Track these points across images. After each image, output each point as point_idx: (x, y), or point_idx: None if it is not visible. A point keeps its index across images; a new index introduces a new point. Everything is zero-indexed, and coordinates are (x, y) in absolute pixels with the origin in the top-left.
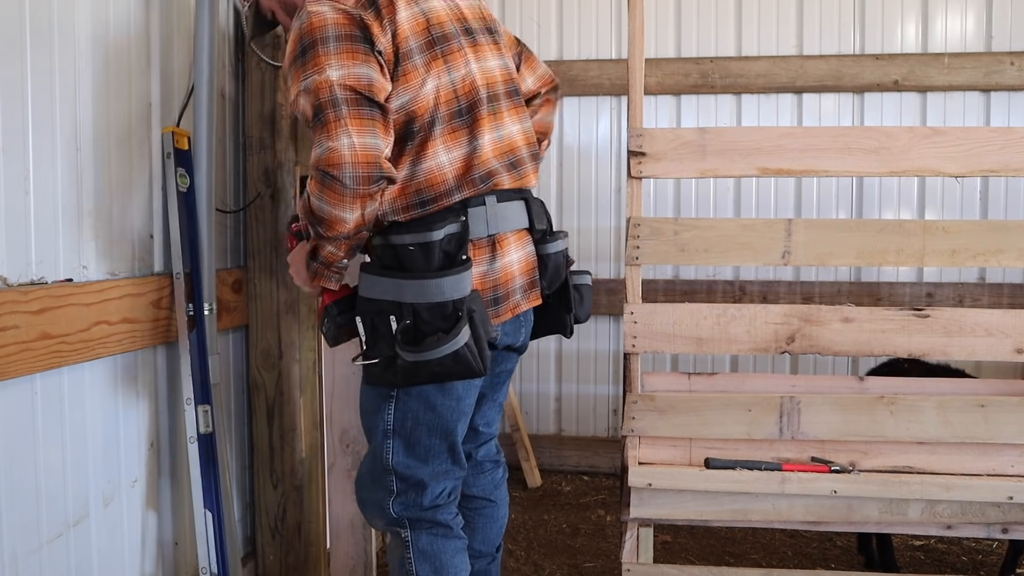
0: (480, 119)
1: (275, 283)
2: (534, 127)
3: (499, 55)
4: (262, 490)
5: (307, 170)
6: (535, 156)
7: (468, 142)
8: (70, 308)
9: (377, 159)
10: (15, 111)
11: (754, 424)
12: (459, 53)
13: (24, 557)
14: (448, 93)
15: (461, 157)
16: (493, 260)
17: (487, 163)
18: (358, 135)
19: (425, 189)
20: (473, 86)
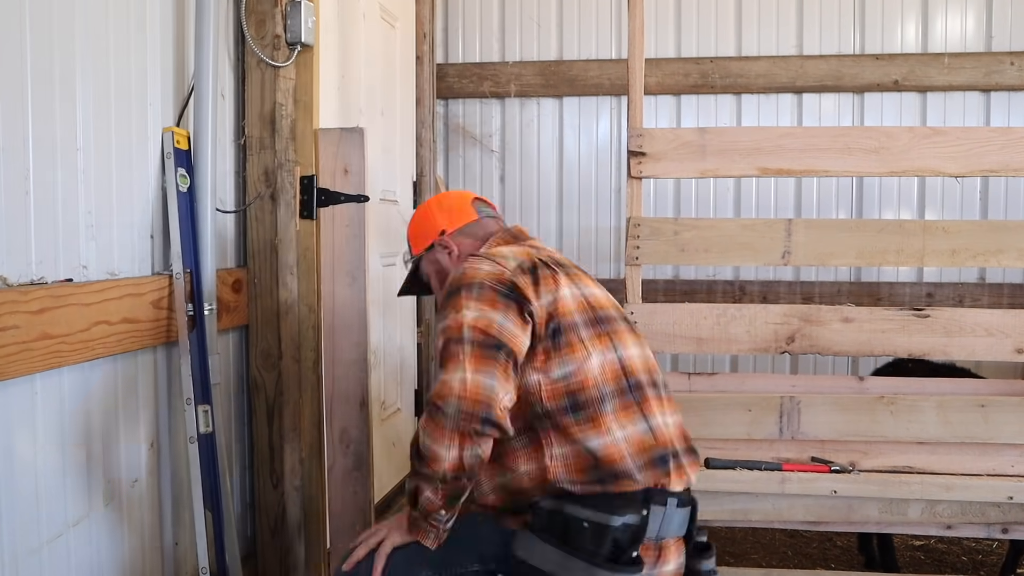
0: (648, 400)
1: (275, 283)
2: None
3: (639, 342)
4: (262, 490)
5: (307, 170)
6: (693, 450)
7: (642, 419)
8: (70, 308)
9: (488, 399)
10: (15, 111)
11: (754, 424)
12: (621, 334)
13: (24, 557)
14: (614, 370)
15: (637, 434)
16: (654, 566)
17: (665, 444)
18: (473, 372)
19: (604, 465)
20: (635, 368)
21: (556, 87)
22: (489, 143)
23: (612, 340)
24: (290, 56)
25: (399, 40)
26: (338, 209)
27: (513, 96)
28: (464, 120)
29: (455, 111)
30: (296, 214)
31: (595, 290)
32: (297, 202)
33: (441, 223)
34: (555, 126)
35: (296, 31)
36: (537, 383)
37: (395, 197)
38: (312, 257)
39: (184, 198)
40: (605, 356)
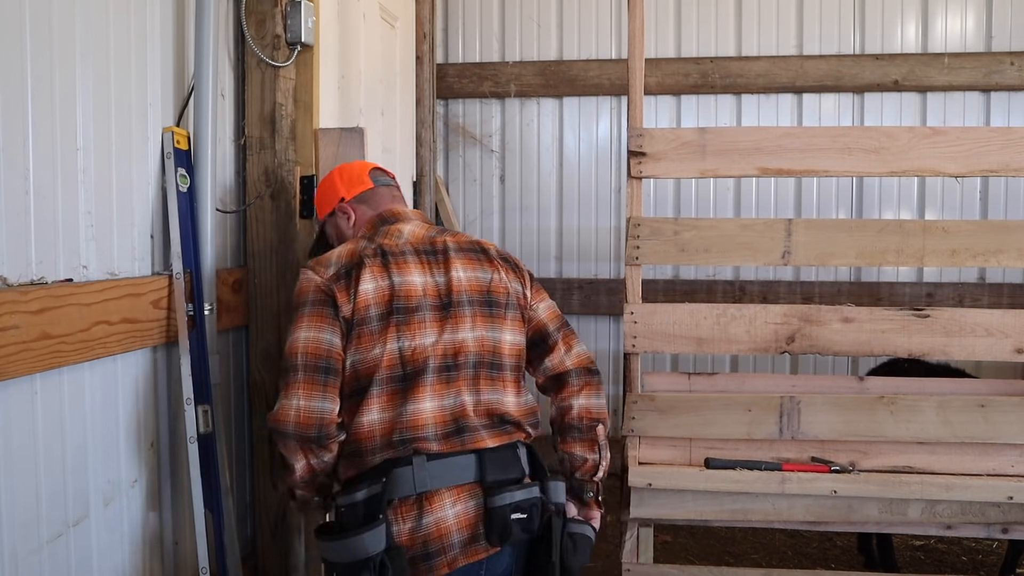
0: (419, 386)
1: (275, 283)
2: (581, 411)
3: (490, 327)
4: (262, 490)
5: (307, 170)
6: (502, 422)
7: (399, 405)
8: (70, 308)
9: (320, 419)
10: (15, 111)
11: (754, 424)
12: (418, 325)
13: (24, 557)
14: (394, 360)
15: (389, 419)
16: (421, 516)
17: (414, 428)
18: (306, 400)
19: (353, 443)
20: (424, 355)
21: (556, 87)
22: (489, 143)
23: (399, 330)
24: (290, 56)
25: (399, 40)
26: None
27: (513, 96)
28: (464, 120)
29: (455, 111)
30: (296, 214)
31: (416, 279)
32: (297, 202)
33: (341, 191)
34: (555, 126)
35: (296, 31)
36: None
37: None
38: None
39: (184, 198)
40: (387, 346)
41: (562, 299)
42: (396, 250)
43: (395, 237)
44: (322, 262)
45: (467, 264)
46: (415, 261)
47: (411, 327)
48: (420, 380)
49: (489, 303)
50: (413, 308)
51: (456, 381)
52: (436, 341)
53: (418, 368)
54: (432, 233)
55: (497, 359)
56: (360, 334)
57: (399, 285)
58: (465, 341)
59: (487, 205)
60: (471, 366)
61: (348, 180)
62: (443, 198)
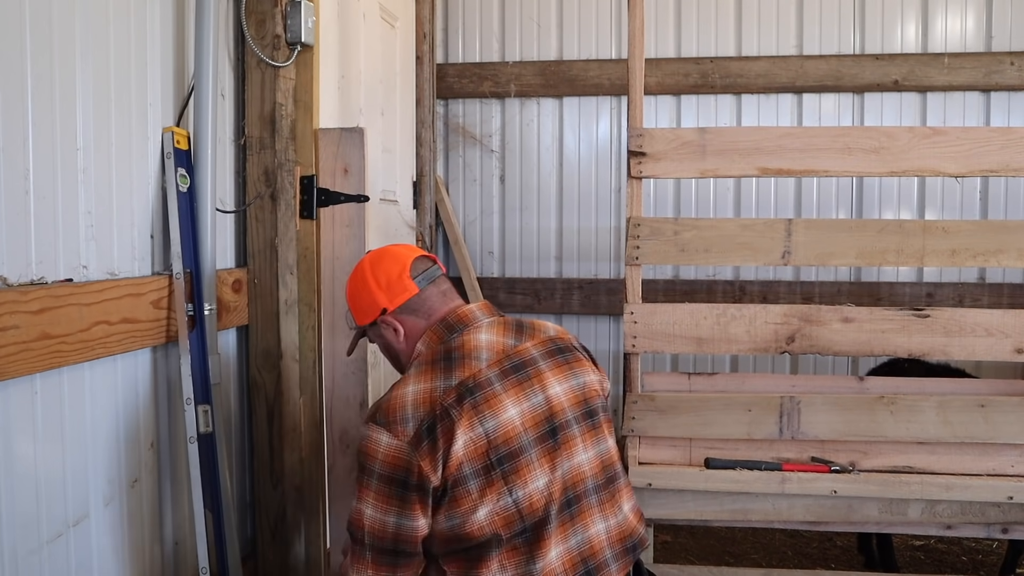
0: (545, 537)
1: (275, 283)
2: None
3: (596, 440)
4: (262, 490)
5: (307, 170)
6: (633, 548)
7: (525, 564)
8: (70, 308)
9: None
10: (15, 111)
11: (754, 424)
12: (527, 469)
13: (24, 557)
14: (509, 517)
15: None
16: None
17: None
18: (375, 569)
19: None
20: (543, 500)
21: (556, 87)
22: (489, 143)
23: (508, 482)
24: (290, 56)
25: (399, 40)
26: (338, 209)
27: (513, 96)
28: (464, 120)
29: (455, 111)
30: (296, 214)
31: (512, 412)
32: (297, 202)
33: (381, 300)
34: (555, 126)
35: (296, 31)
36: (431, 531)
37: (395, 197)
38: (312, 257)
39: (184, 198)
40: (497, 503)
41: (562, 299)
42: (481, 381)
43: (473, 359)
44: (393, 413)
45: (559, 373)
46: (504, 388)
47: (520, 474)
48: (545, 531)
49: (590, 413)
50: (517, 451)
51: (579, 515)
52: (551, 480)
53: (540, 518)
54: (511, 340)
55: (612, 472)
56: (456, 496)
57: (495, 430)
58: (582, 467)
59: (487, 205)
60: (592, 493)
61: (387, 285)
62: (443, 198)
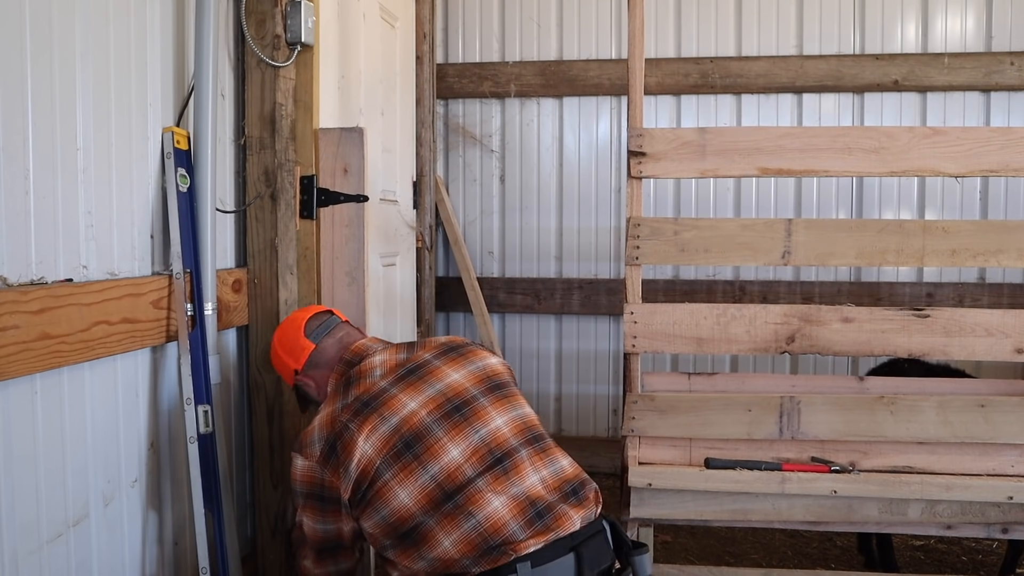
0: (474, 495)
1: (275, 283)
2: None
3: (511, 406)
4: (262, 490)
5: (307, 170)
6: (575, 491)
7: (464, 520)
8: (70, 308)
9: (336, 571)
10: (15, 111)
11: (754, 424)
12: (437, 445)
13: (24, 557)
14: (429, 492)
15: (464, 536)
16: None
17: (497, 532)
18: (315, 566)
19: (443, 571)
20: (459, 469)
21: (556, 87)
22: (489, 143)
23: (421, 461)
24: (290, 56)
25: (399, 40)
26: (338, 209)
27: (513, 96)
28: (464, 120)
29: (455, 111)
30: (296, 214)
31: (411, 405)
32: (297, 202)
33: (290, 363)
34: (555, 126)
35: (296, 31)
36: (367, 529)
37: (395, 197)
38: (312, 257)
39: (184, 198)
40: (416, 482)
41: (562, 299)
42: (375, 392)
43: (368, 378)
44: (305, 438)
45: (455, 364)
46: (401, 389)
47: (431, 451)
48: (471, 490)
49: (497, 386)
50: (423, 432)
51: (512, 469)
52: (466, 447)
53: (460, 482)
54: (402, 355)
55: (534, 430)
56: (377, 490)
57: (397, 423)
58: (499, 429)
59: (487, 205)
60: (519, 449)
61: (290, 349)
62: (443, 198)
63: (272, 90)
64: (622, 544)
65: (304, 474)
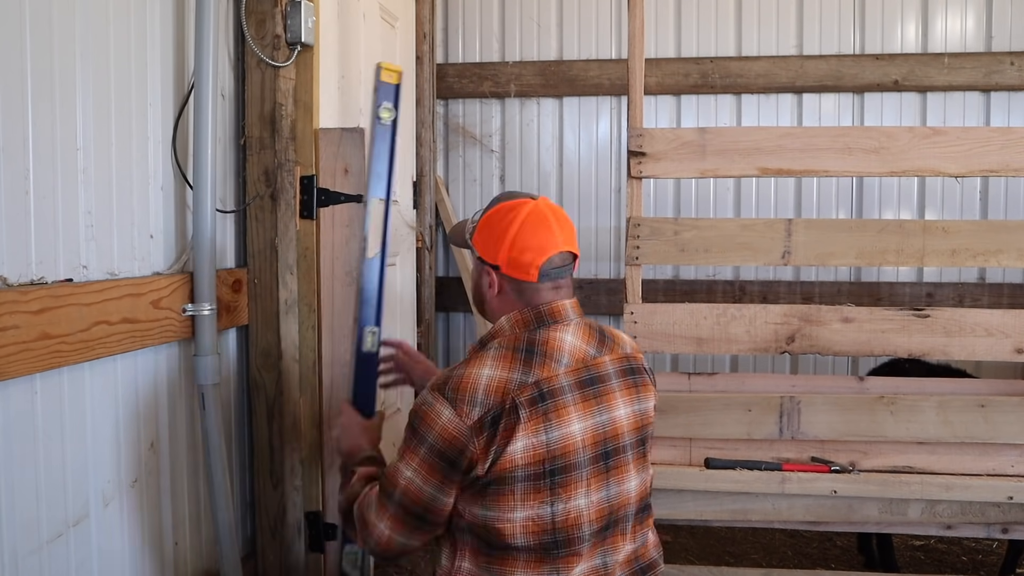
0: (574, 555)
1: (275, 283)
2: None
3: (641, 468)
4: (262, 490)
5: (307, 170)
6: (643, 570)
7: (550, 574)
8: (70, 308)
9: (398, 552)
10: (15, 111)
11: (754, 424)
12: (575, 485)
13: (24, 557)
14: (542, 527)
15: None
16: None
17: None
18: (392, 531)
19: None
20: (580, 519)
21: (556, 87)
22: (489, 143)
23: (554, 494)
24: (290, 56)
25: (399, 40)
26: (338, 209)
27: (513, 96)
28: (464, 120)
29: (455, 111)
30: (296, 214)
31: (576, 427)
32: (297, 202)
33: (502, 257)
34: (555, 126)
35: (296, 31)
36: (462, 508)
37: (395, 197)
38: (312, 257)
39: (383, 131)
40: (535, 511)
41: None
42: (555, 387)
43: (554, 360)
44: (463, 391)
45: (627, 395)
46: (575, 400)
47: (567, 488)
48: (574, 549)
49: (642, 441)
50: (571, 466)
51: (610, 538)
52: (592, 501)
53: (572, 536)
54: (592, 350)
55: (646, 500)
56: (499, 492)
57: (556, 442)
58: (629, 494)
59: None
60: (627, 519)
61: (518, 255)
62: (443, 198)
63: (272, 90)
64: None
65: (448, 429)
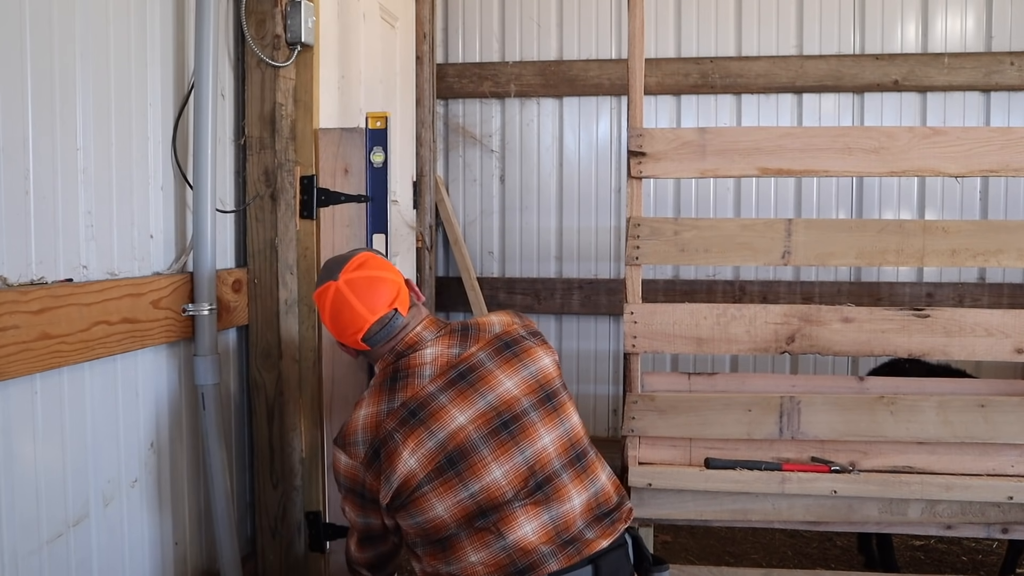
0: (508, 517)
1: (275, 283)
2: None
3: (559, 420)
4: (262, 490)
5: (307, 170)
6: (607, 514)
7: (494, 541)
8: (70, 308)
9: (370, 559)
10: (15, 111)
11: (754, 424)
12: (480, 464)
13: (24, 557)
14: (466, 507)
15: (491, 556)
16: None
17: (525, 556)
18: (357, 546)
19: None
20: (499, 489)
21: (556, 87)
22: (489, 143)
23: (462, 479)
24: (290, 56)
25: (399, 40)
26: (338, 209)
27: (513, 96)
28: (464, 120)
29: (455, 111)
30: (296, 214)
31: (460, 419)
32: (297, 202)
33: (336, 338)
34: (555, 126)
35: (296, 31)
36: (400, 523)
37: (395, 197)
38: (312, 257)
39: (379, 172)
40: (454, 499)
41: (562, 299)
42: (423, 398)
43: (416, 378)
44: (348, 436)
45: (509, 368)
46: (450, 399)
47: (474, 469)
48: (506, 512)
49: (548, 396)
50: (468, 450)
51: (553, 493)
52: (509, 468)
53: (497, 503)
54: (455, 350)
55: (579, 447)
56: (414, 499)
57: (444, 440)
58: (545, 449)
59: (487, 205)
60: (562, 471)
61: (339, 337)
62: (443, 198)
63: (272, 90)
64: (643, 559)
65: (348, 471)
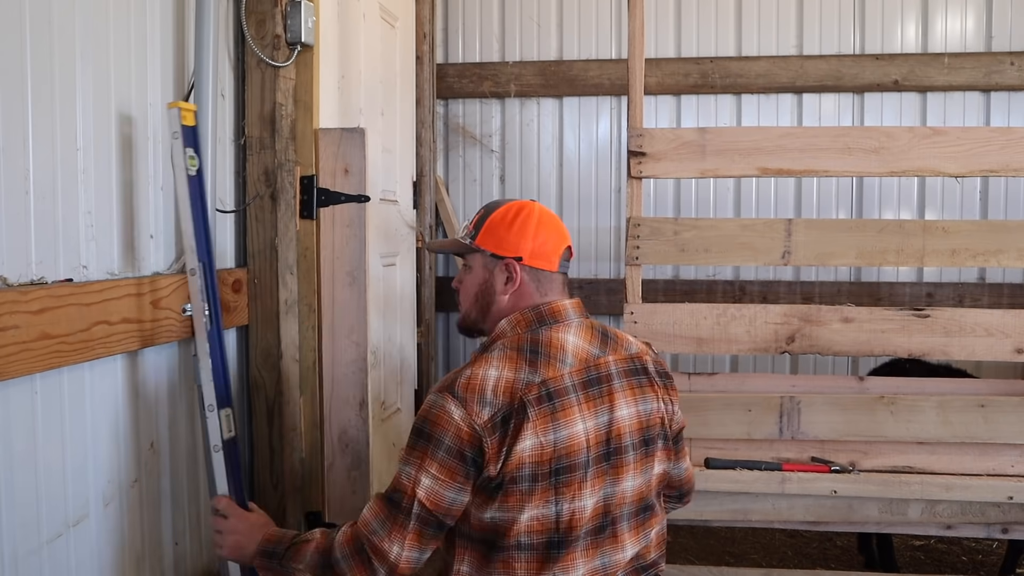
0: (571, 554)
1: (275, 283)
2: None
3: (644, 469)
4: (262, 490)
5: (307, 170)
6: (644, 568)
7: (545, 573)
8: (70, 308)
9: (414, 568)
10: (15, 111)
11: (754, 424)
12: (578, 485)
13: (24, 557)
14: (546, 526)
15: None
16: None
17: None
18: (410, 549)
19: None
20: (582, 519)
21: (556, 87)
22: (489, 143)
23: (558, 493)
24: (290, 56)
25: (399, 40)
26: (338, 209)
27: (513, 96)
28: (464, 120)
29: (455, 111)
30: (296, 214)
31: (580, 427)
32: (297, 202)
33: (524, 246)
34: (555, 126)
35: (296, 31)
36: (469, 512)
37: (395, 197)
38: (312, 257)
39: (194, 183)
40: (540, 511)
41: None
42: (560, 387)
43: (558, 360)
44: (473, 391)
45: (630, 395)
46: (579, 400)
47: (571, 488)
48: (572, 548)
49: (646, 441)
50: (575, 466)
51: (610, 539)
52: (596, 501)
53: (573, 535)
54: (595, 350)
55: (648, 499)
56: (509, 492)
57: (562, 441)
58: (624, 494)
59: None
60: (626, 519)
61: (539, 245)
62: (443, 198)
63: (272, 90)
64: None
65: (463, 428)
